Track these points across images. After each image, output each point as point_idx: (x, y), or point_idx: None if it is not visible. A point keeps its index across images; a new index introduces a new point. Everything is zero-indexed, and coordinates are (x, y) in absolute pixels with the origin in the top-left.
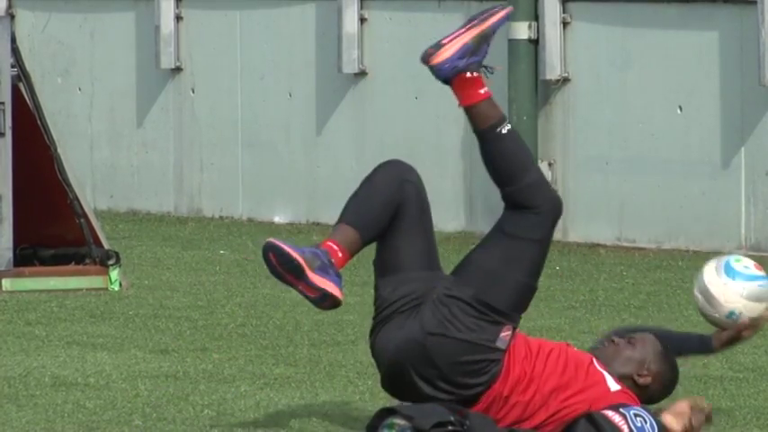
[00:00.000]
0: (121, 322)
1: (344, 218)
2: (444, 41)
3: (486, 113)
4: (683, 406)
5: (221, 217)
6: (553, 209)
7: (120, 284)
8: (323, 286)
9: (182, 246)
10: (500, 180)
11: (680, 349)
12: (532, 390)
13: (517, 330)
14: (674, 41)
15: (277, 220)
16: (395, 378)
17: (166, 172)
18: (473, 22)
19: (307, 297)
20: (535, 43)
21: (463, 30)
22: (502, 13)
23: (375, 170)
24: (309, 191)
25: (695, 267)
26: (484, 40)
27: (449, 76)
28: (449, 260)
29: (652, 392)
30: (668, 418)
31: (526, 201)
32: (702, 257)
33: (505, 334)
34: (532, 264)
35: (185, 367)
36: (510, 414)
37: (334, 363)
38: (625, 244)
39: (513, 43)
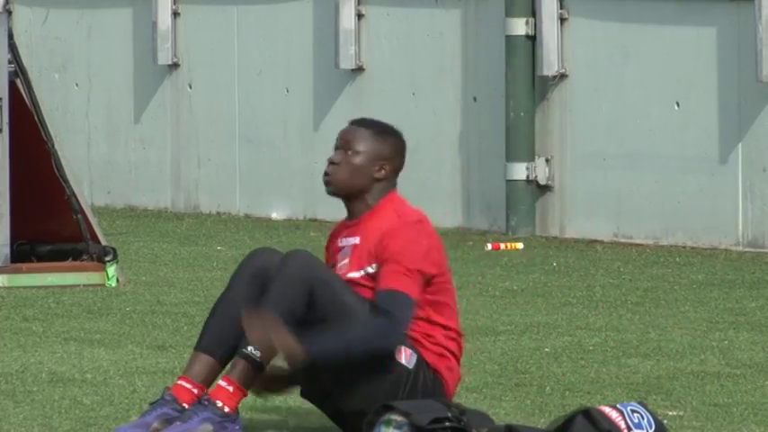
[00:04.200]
0: (119, 318)
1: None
2: None
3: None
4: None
5: (218, 213)
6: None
7: (118, 280)
8: None
9: (179, 242)
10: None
11: None
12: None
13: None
14: (672, 37)
15: (274, 216)
16: None
17: (163, 168)
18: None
19: None
20: (532, 39)
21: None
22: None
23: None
24: (307, 187)
25: (692, 263)
26: None
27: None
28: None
29: (397, 169)
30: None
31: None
32: (700, 253)
33: (405, 355)
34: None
35: (182, 363)
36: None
37: None
38: (622, 240)
39: (510, 39)
